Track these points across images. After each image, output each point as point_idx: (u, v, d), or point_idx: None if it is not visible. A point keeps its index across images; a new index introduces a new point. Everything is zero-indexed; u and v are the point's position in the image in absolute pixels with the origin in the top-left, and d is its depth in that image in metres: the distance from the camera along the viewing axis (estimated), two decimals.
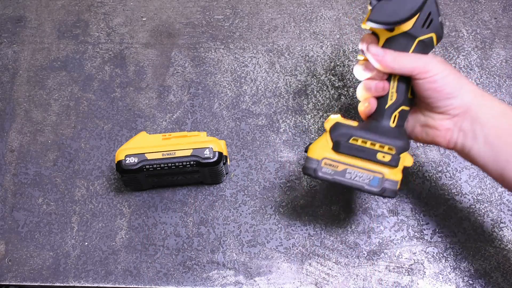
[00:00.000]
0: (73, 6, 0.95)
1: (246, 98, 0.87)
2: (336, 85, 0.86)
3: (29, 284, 0.78)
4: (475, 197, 0.79)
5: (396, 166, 0.65)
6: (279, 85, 0.87)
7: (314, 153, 0.67)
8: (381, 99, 0.66)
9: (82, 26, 0.93)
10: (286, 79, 0.87)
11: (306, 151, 0.68)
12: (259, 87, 0.87)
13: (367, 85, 0.66)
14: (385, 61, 0.63)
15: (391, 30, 0.65)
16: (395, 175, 0.65)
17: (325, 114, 0.85)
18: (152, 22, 0.93)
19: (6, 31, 0.94)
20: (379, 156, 0.65)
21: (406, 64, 0.63)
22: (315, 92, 0.86)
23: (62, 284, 0.77)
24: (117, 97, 0.88)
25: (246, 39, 0.91)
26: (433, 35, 0.64)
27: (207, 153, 0.74)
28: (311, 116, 0.85)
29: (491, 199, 0.79)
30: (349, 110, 0.85)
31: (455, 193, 0.79)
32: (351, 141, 0.66)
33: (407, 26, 0.63)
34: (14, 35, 0.93)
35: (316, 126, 0.84)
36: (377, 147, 0.65)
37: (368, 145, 0.65)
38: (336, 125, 0.67)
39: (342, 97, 0.86)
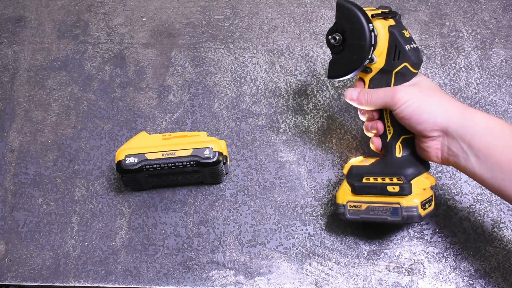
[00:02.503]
0: (73, 6, 0.95)
1: (246, 98, 0.87)
2: (336, 85, 0.86)
3: (29, 284, 0.78)
4: (475, 197, 0.79)
5: (409, 193, 0.68)
6: (279, 85, 0.87)
7: (339, 199, 0.73)
8: (382, 135, 0.70)
9: (82, 26, 0.93)
10: (286, 79, 0.87)
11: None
12: (259, 87, 0.87)
13: (366, 127, 0.72)
14: (360, 101, 0.69)
15: (369, 71, 0.69)
16: (411, 201, 0.68)
17: (325, 114, 0.85)
18: (152, 22, 0.93)
19: (6, 31, 0.94)
20: (390, 188, 0.69)
21: (377, 100, 0.67)
22: (315, 92, 0.86)
23: (62, 284, 0.77)
24: (117, 97, 0.88)
25: (246, 39, 0.91)
26: (406, 64, 0.67)
27: (207, 153, 0.74)
28: (311, 116, 0.85)
29: (491, 199, 0.79)
30: (349, 110, 0.85)
31: (455, 193, 0.79)
32: (364, 180, 0.71)
33: (380, 63, 0.68)
34: (14, 35, 0.93)
35: (316, 126, 0.84)
36: (386, 180, 0.69)
37: (378, 181, 0.70)
38: (351, 169, 0.72)
39: (342, 97, 0.86)
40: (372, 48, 0.66)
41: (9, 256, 0.79)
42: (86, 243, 0.79)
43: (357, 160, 0.73)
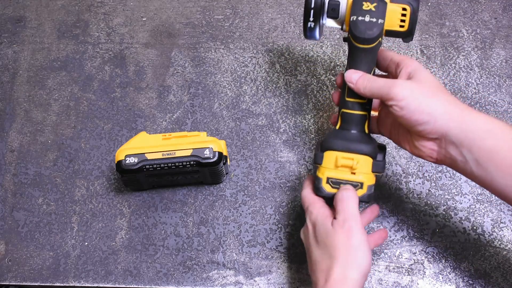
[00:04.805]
0: (73, 6, 0.95)
1: (246, 98, 0.87)
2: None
3: (29, 284, 0.78)
4: (475, 197, 0.79)
5: (318, 162, 0.68)
6: (279, 85, 0.87)
7: None
8: None
9: (82, 26, 0.93)
10: (286, 79, 0.87)
11: None
12: (259, 87, 0.87)
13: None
14: (358, 87, 0.66)
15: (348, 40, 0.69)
16: (318, 172, 0.68)
17: (325, 114, 0.85)
18: (152, 22, 0.93)
19: (6, 31, 0.94)
20: (314, 156, 0.70)
21: (374, 89, 0.64)
22: (315, 92, 0.86)
23: (62, 284, 0.77)
24: (117, 97, 0.88)
25: (246, 39, 0.91)
26: (349, 35, 0.66)
27: (207, 153, 0.74)
28: (311, 116, 0.85)
29: (491, 199, 0.79)
30: None
31: (455, 193, 0.79)
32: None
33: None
34: (14, 35, 0.93)
35: (316, 126, 0.84)
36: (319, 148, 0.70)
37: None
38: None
39: None
40: (316, 13, 0.66)
41: (9, 256, 0.79)
42: (86, 243, 0.79)
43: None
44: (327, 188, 0.67)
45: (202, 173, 0.77)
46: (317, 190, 0.68)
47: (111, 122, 0.86)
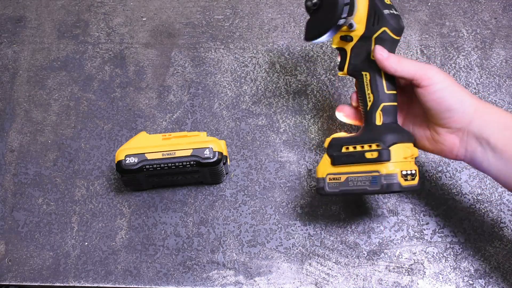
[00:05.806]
0: (73, 6, 0.95)
1: (246, 98, 0.87)
2: (336, 85, 0.87)
3: (29, 284, 0.78)
4: (475, 197, 0.79)
5: (387, 159, 0.65)
6: (279, 85, 0.87)
7: (319, 172, 0.71)
8: (362, 105, 0.69)
9: (82, 26, 0.93)
10: (286, 79, 0.87)
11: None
12: (259, 87, 0.87)
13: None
14: (389, 63, 0.65)
15: (349, 39, 0.68)
16: (391, 168, 0.65)
17: (325, 114, 0.85)
18: (152, 22, 0.93)
19: (6, 31, 0.94)
20: (368, 155, 0.66)
21: (409, 67, 0.65)
22: (315, 92, 0.86)
23: (62, 284, 0.77)
24: (117, 97, 0.88)
25: (246, 39, 0.91)
26: (385, 29, 0.66)
27: (207, 153, 0.74)
28: (311, 116, 0.85)
29: (491, 199, 0.79)
30: None
31: (455, 193, 0.79)
32: (343, 150, 0.69)
33: (360, 30, 0.67)
34: (14, 35, 0.93)
35: (316, 126, 0.84)
36: (365, 147, 0.67)
37: (357, 148, 0.68)
38: (331, 141, 0.71)
39: (342, 97, 0.86)
40: (347, 7, 0.66)
41: (9, 256, 0.79)
42: (86, 243, 0.79)
43: (339, 134, 0.72)
44: (403, 182, 0.65)
45: (202, 173, 0.77)
46: (391, 186, 0.65)
47: (111, 122, 0.86)
